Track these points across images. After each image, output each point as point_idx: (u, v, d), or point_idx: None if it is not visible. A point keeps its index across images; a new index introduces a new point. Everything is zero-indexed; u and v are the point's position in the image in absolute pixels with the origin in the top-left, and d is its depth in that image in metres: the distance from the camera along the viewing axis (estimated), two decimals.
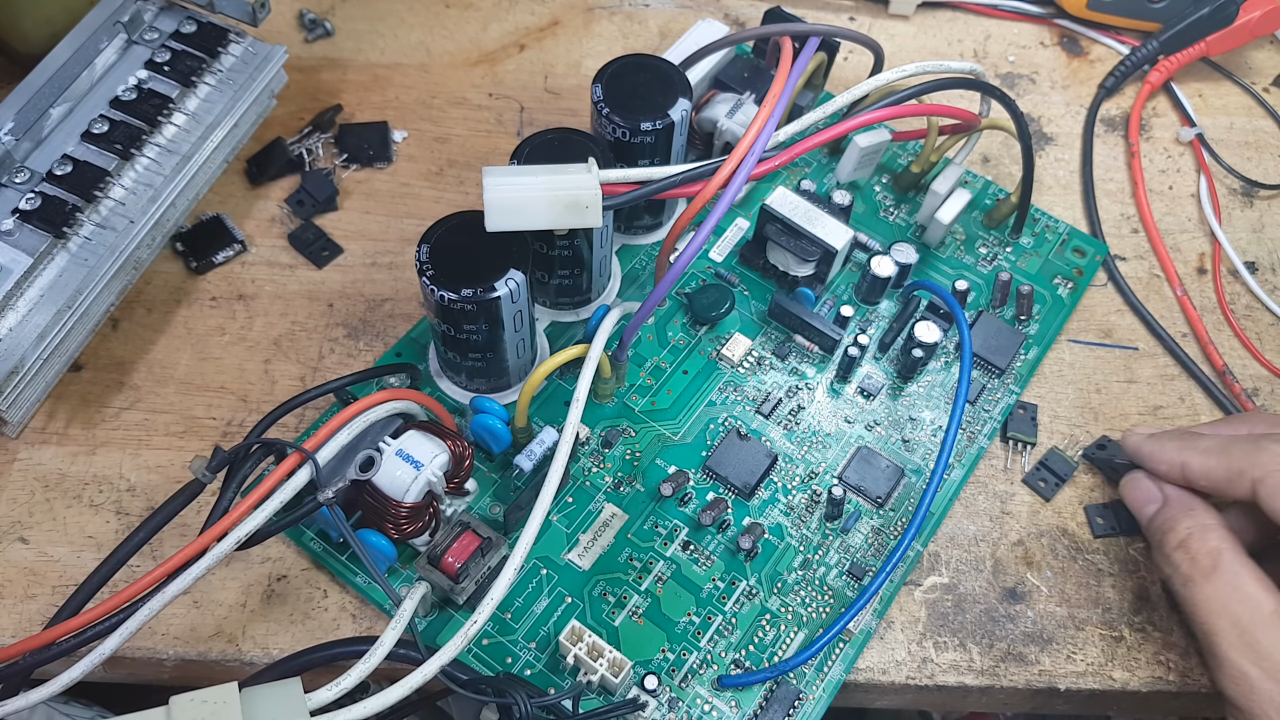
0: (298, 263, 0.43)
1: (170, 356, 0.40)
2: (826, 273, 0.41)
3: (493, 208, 0.32)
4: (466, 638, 0.30)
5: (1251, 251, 0.46)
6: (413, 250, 0.43)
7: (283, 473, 0.30)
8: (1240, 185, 0.48)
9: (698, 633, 0.35)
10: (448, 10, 0.52)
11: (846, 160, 0.45)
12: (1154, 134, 0.50)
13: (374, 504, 0.33)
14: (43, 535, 0.36)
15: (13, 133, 0.38)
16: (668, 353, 0.41)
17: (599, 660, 0.32)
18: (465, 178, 0.46)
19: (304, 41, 0.50)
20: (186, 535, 0.36)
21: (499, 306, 0.34)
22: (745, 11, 0.53)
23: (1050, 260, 0.44)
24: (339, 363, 0.41)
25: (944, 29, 0.53)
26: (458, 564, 0.32)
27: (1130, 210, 0.47)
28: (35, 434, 0.38)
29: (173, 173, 0.39)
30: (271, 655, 0.34)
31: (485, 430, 0.36)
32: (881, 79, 0.38)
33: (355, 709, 0.27)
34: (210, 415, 0.39)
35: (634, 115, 0.37)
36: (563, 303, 0.41)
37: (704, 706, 0.33)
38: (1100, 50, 0.53)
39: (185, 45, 0.41)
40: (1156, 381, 0.42)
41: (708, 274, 0.43)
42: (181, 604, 0.35)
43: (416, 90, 0.49)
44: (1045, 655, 0.36)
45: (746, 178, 0.34)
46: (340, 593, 0.36)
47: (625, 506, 0.37)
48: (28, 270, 0.35)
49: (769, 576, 0.36)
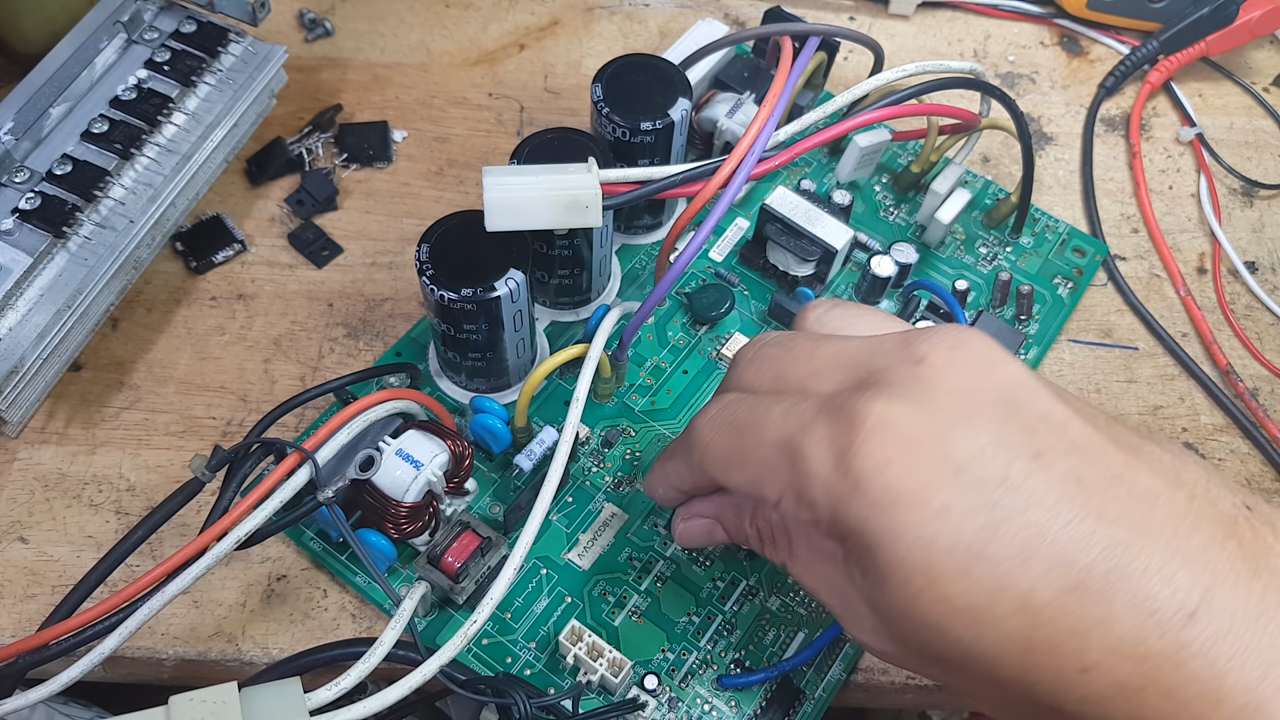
0: (297, 262, 0.43)
1: (170, 356, 0.40)
2: (826, 272, 0.41)
3: (493, 207, 0.32)
4: (466, 638, 0.30)
5: (1251, 251, 0.46)
6: (413, 250, 0.43)
7: (282, 472, 0.30)
8: (1240, 185, 0.48)
9: (698, 632, 0.35)
10: (448, 10, 0.52)
11: (846, 160, 0.45)
12: (1154, 134, 0.50)
13: (374, 504, 0.33)
14: (42, 535, 0.36)
15: (12, 132, 0.38)
16: (668, 352, 0.41)
17: (599, 660, 0.32)
18: (465, 177, 0.46)
19: (304, 41, 0.50)
20: (186, 535, 0.36)
21: (499, 306, 0.34)
22: (745, 11, 0.53)
23: (1050, 260, 0.44)
24: (339, 362, 0.41)
25: (944, 29, 0.53)
26: (457, 564, 0.32)
27: (1130, 210, 0.47)
28: (35, 433, 0.38)
29: (173, 172, 0.39)
30: (271, 655, 0.34)
31: (485, 430, 0.36)
32: (881, 79, 0.38)
33: (355, 709, 0.27)
34: (210, 415, 0.39)
35: (634, 115, 0.37)
36: (563, 302, 0.41)
37: (704, 706, 0.33)
38: (1100, 50, 0.53)
39: (185, 45, 0.41)
40: (1156, 381, 0.42)
41: (708, 274, 0.43)
42: (181, 603, 0.35)
43: (416, 90, 0.49)
44: None
45: (746, 177, 0.34)
46: (340, 592, 0.36)
47: (625, 506, 0.37)
48: (27, 270, 0.35)
49: (769, 576, 0.36)
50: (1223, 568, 0.21)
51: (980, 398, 0.23)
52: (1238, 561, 0.21)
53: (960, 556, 0.22)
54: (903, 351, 0.24)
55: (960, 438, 0.22)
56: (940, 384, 0.23)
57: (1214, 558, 0.21)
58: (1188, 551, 0.21)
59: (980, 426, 0.22)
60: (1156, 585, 0.21)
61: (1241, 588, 0.21)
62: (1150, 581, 0.21)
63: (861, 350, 0.26)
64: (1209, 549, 0.21)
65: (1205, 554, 0.21)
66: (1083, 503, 0.22)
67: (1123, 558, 0.21)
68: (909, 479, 0.22)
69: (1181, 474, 0.23)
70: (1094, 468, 0.22)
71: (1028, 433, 0.22)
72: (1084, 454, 0.22)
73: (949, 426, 0.23)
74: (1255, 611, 0.21)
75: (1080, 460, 0.22)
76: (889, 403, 0.23)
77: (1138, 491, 0.22)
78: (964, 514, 0.22)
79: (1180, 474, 0.23)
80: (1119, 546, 0.21)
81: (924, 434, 0.22)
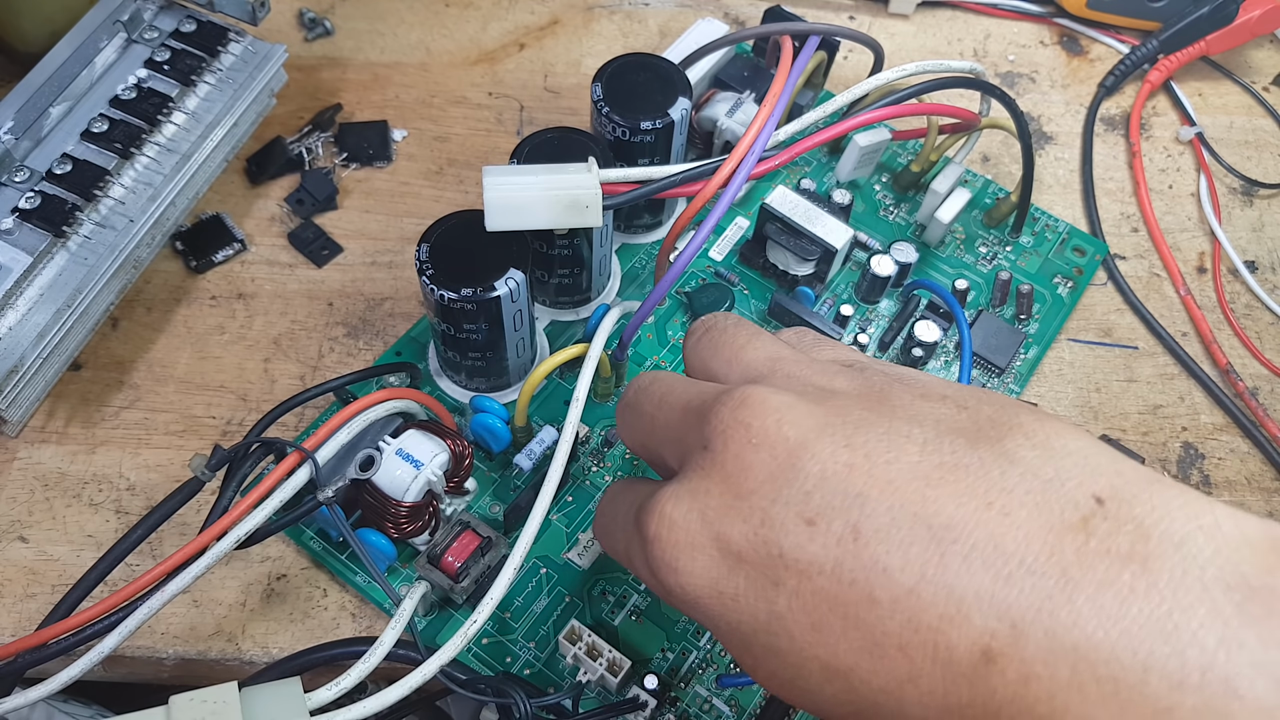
0: (297, 262, 0.43)
1: (170, 355, 0.40)
2: (826, 272, 0.41)
3: (493, 207, 0.32)
4: (466, 637, 0.30)
5: (1251, 251, 0.46)
6: (412, 249, 0.43)
7: (282, 472, 0.30)
8: (1240, 184, 0.48)
9: (697, 632, 0.35)
10: (447, 9, 0.52)
11: (846, 159, 0.45)
12: (1154, 133, 0.50)
13: (374, 503, 0.33)
14: (42, 534, 0.36)
15: (12, 131, 0.38)
16: (668, 352, 0.41)
17: (598, 660, 0.32)
18: (465, 177, 0.46)
19: (304, 40, 0.50)
20: (186, 534, 0.36)
21: (499, 306, 0.34)
22: (745, 10, 0.53)
23: (1050, 259, 0.44)
24: (339, 362, 0.41)
25: (944, 28, 0.53)
26: (457, 563, 0.32)
27: (1130, 209, 0.47)
28: (35, 433, 0.38)
29: (172, 172, 0.39)
30: (271, 654, 0.34)
31: (485, 429, 0.36)
32: (881, 78, 0.38)
33: (355, 709, 0.27)
34: (210, 414, 0.39)
35: (634, 114, 0.37)
36: (562, 302, 0.41)
37: (704, 706, 0.33)
38: (1100, 49, 0.53)
39: (185, 44, 0.41)
40: (1156, 380, 0.42)
41: (708, 273, 0.43)
42: (181, 603, 0.35)
43: (416, 89, 0.49)
44: None
45: (746, 177, 0.34)
46: (340, 592, 0.36)
47: None
48: (27, 269, 0.35)
49: None
50: (1036, 592, 0.19)
51: (753, 475, 0.22)
52: (1059, 582, 0.19)
53: (764, 637, 0.22)
54: (695, 433, 0.24)
55: (732, 526, 0.22)
56: (717, 470, 0.23)
57: (1029, 586, 0.19)
58: (990, 588, 0.19)
59: (753, 507, 0.22)
60: (952, 633, 0.19)
61: (1061, 609, 0.18)
62: (945, 629, 0.19)
63: (673, 424, 0.26)
64: (1018, 578, 0.19)
65: (1014, 584, 0.19)
66: (866, 557, 0.20)
67: (914, 608, 0.20)
68: (696, 579, 0.23)
69: (1007, 477, 0.20)
70: (875, 516, 0.21)
71: (802, 499, 0.21)
72: (864, 503, 0.21)
73: (721, 517, 0.22)
74: (1066, 629, 0.18)
75: (860, 512, 0.21)
76: (675, 503, 0.23)
77: (936, 527, 0.20)
78: (754, 599, 0.22)
79: (1006, 478, 0.20)
80: (907, 596, 0.20)
81: (699, 532, 0.23)
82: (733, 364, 0.27)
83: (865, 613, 0.20)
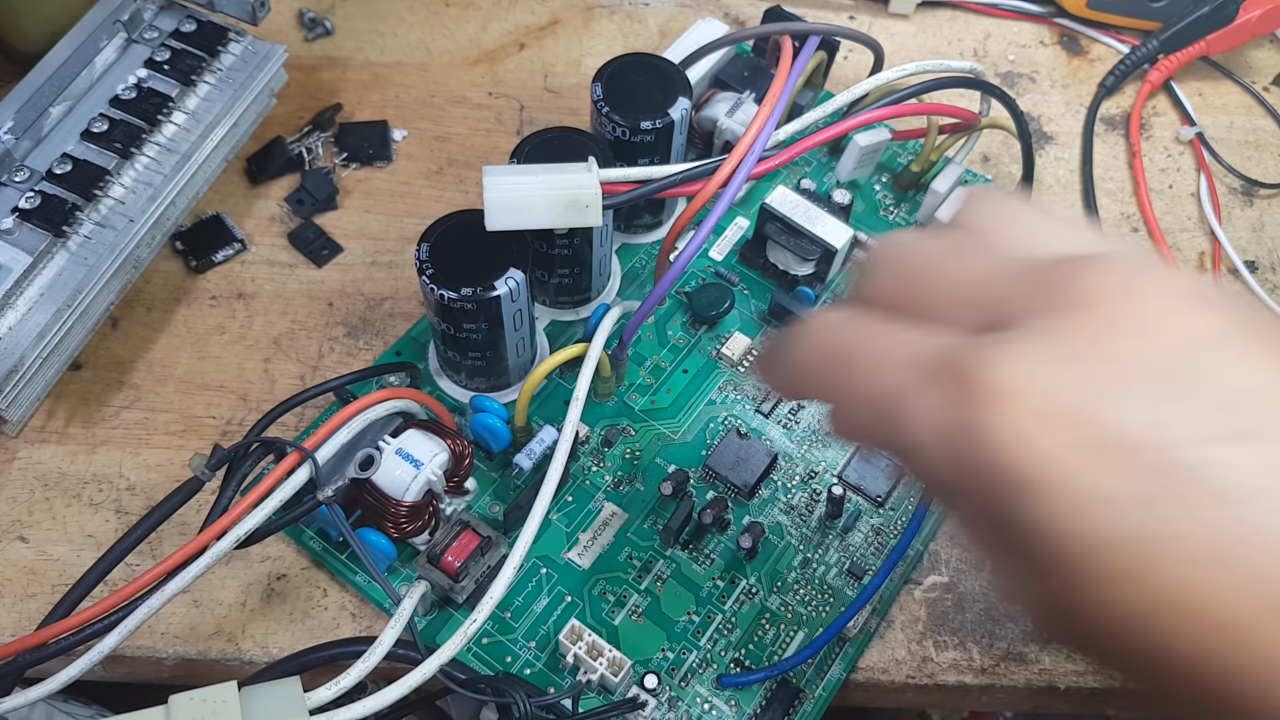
0: (297, 262, 0.43)
1: (170, 355, 0.40)
2: (826, 271, 0.41)
3: (493, 207, 0.32)
4: (466, 637, 0.30)
5: (1251, 250, 0.46)
6: (412, 249, 0.43)
7: (282, 471, 0.30)
8: (1240, 184, 0.48)
9: (697, 632, 0.35)
10: (447, 9, 0.52)
11: (846, 159, 0.45)
12: (1154, 133, 0.50)
13: (373, 503, 0.33)
14: (42, 534, 0.36)
15: (12, 131, 0.38)
16: (667, 351, 0.41)
17: (598, 659, 0.32)
18: (465, 177, 0.46)
19: (304, 40, 0.50)
20: (186, 534, 0.36)
21: (499, 305, 0.34)
22: (745, 10, 0.53)
23: None
24: (338, 361, 0.41)
25: (944, 28, 0.53)
26: (457, 563, 0.32)
27: (1130, 209, 0.47)
28: (35, 433, 0.38)
29: (172, 171, 0.39)
30: (271, 654, 0.34)
31: (485, 429, 0.36)
32: (881, 78, 0.38)
33: (354, 708, 0.27)
34: (210, 414, 0.39)
35: (634, 114, 0.37)
36: (562, 301, 0.41)
37: (704, 706, 0.33)
38: (1100, 49, 0.53)
39: (185, 44, 0.41)
40: None
41: (707, 273, 0.43)
42: (181, 602, 0.35)
43: (416, 89, 0.49)
44: (1045, 654, 0.36)
45: (746, 177, 0.34)
46: (340, 591, 0.36)
47: (625, 506, 0.37)
48: (27, 269, 0.35)
49: (769, 575, 0.36)
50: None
51: (1158, 358, 0.18)
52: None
53: (1123, 559, 0.17)
54: (1055, 289, 0.19)
55: (1128, 410, 0.17)
56: (1099, 341, 0.18)
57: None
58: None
59: (1157, 395, 0.17)
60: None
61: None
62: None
63: (1007, 277, 0.20)
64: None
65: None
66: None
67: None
68: (1054, 461, 0.17)
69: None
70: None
71: (1224, 406, 0.17)
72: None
73: (1112, 393, 0.17)
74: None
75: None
76: (1036, 364, 0.18)
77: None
78: (1137, 510, 0.17)
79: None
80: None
81: (1075, 402, 0.17)
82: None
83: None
